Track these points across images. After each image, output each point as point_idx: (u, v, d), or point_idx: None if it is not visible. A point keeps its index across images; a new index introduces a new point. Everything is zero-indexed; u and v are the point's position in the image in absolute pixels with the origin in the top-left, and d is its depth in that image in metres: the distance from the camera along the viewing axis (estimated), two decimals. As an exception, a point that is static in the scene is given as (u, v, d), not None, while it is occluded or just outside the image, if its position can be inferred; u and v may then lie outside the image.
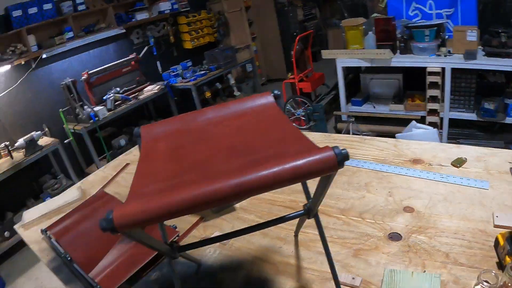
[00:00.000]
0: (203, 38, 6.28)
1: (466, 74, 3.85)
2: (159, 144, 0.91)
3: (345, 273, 1.08)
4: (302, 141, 0.75)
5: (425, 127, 3.61)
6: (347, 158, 0.60)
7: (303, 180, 0.61)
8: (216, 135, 0.66)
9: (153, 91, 4.99)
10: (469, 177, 1.38)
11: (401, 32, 4.17)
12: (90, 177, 2.03)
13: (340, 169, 0.61)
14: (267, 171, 0.59)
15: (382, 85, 4.73)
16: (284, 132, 0.72)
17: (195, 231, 1.43)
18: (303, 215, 0.95)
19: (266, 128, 0.87)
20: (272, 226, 1.05)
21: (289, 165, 0.59)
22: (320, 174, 0.61)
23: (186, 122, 0.97)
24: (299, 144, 0.73)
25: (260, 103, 0.96)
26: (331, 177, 0.68)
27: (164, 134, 0.94)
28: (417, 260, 1.08)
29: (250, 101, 0.96)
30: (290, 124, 0.86)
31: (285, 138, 0.77)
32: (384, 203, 1.35)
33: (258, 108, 0.95)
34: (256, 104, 0.96)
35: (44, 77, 4.42)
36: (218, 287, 1.15)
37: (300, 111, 5.01)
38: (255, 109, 0.94)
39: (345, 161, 0.60)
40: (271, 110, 0.93)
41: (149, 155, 0.87)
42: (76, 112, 4.17)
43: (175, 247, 0.92)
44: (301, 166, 0.59)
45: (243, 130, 0.64)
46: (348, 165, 1.62)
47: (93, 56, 4.95)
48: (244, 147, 0.79)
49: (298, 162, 0.60)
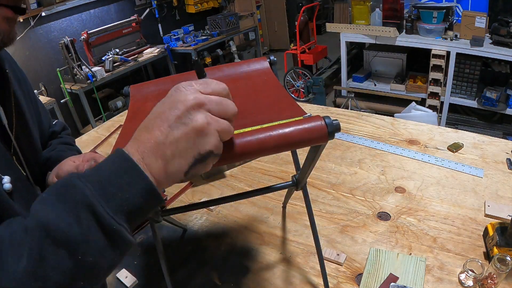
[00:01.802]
0: (207, 3, 6.14)
1: (471, 61, 3.80)
2: (148, 104, 0.87)
3: (330, 249, 1.07)
4: (294, 108, 0.73)
5: (424, 110, 3.59)
6: (338, 130, 0.57)
7: (290, 149, 0.58)
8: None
9: (153, 54, 4.91)
10: (464, 163, 1.37)
11: (408, 11, 4.09)
12: (83, 137, 2.00)
13: (330, 140, 0.58)
14: (253, 137, 0.56)
15: (385, 63, 4.67)
16: (276, 99, 0.69)
17: (183, 196, 1.42)
18: (291, 186, 0.94)
19: (258, 93, 0.84)
20: (260, 195, 1.03)
21: (276, 133, 0.56)
22: (308, 144, 0.59)
23: (179, 82, 0.93)
24: (290, 111, 0.70)
25: (255, 68, 0.93)
26: (320, 148, 0.66)
27: (154, 94, 0.91)
28: (404, 241, 1.07)
29: (245, 65, 0.93)
30: (284, 91, 0.84)
31: (277, 105, 0.75)
32: (375, 181, 1.33)
33: (253, 72, 0.92)
34: (251, 68, 0.92)
35: (42, 36, 4.32)
36: (202, 253, 1.15)
37: (300, 83, 4.97)
38: (249, 74, 0.91)
39: (335, 132, 0.56)
40: (266, 75, 0.90)
41: (137, 115, 0.83)
42: (74, 72, 4.10)
43: (158, 210, 0.89)
44: (288, 134, 0.56)
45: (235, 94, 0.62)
46: (342, 139, 1.60)
47: (94, 16, 4.84)
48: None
49: (285, 130, 0.57)
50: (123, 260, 0.48)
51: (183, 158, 0.48)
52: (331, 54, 5.55)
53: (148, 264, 1.15)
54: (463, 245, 1.03)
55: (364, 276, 0.97)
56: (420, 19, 3.97)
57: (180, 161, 0.48)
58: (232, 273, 1.06)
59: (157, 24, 5.64)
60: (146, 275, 1.10)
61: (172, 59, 5.28)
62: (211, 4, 6.22)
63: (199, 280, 1.06)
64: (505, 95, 3.73)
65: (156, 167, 0.47)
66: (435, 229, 1.10)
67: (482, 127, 4.05)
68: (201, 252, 1.15)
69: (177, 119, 0.48)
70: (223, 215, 1.29)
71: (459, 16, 3.86)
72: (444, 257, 1.00)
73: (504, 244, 0.92)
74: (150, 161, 0.47)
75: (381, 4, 4.08)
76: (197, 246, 1.18)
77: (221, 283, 1.04)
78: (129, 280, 1.08)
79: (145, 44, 5.15)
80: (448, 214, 1.15)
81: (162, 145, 0.47)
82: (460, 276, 0.93)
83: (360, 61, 4.94)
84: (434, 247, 1.04)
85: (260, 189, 0.93)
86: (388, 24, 4.06)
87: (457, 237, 1.06)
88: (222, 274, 1.06)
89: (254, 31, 6.47)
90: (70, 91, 4.22)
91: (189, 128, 0.47)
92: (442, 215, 1.15)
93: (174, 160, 0.48)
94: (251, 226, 1.23)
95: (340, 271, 1.01)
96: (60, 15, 4.44)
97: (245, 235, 1.19)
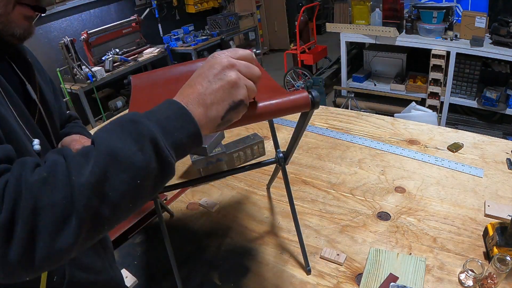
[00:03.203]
0: (207, 3, 6.13)
1: (471, 60, 3.79)
2: (157, 89, 0.95)
3: (330, 249, 1.07)
4: (280, 90, 0.84)
5: (424, 110, 3.58)
6: (319, 101, 0.73)
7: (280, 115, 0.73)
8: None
9: (153, 54, 4.90)
10: (464, 163, 1.37)
11: (408, 11, 4.09)
12: (81, 135, 2.00)
13: (315, 109, 0.74)
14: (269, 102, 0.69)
15: (385, 63, 4.67)
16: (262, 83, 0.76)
17: (183, 196, 1.42)
18: (274, 163, 1.09)
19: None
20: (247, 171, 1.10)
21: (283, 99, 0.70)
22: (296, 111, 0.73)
23: (178, 71, 1.03)
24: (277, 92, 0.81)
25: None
26: (305, 124, 0.82)
27: (154, 82, 0.98)
28: (404, 241, 1.07)
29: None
30: (269, 77, 0.92)
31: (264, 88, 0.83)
32: (375, 181, 1.33)
33: None
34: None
35: (42, 36, 4.30)
36: (202, 254, 1.15)
37: (300, 83, 4.96)
38: None
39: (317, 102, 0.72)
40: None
41: (138, 103, 0.90)
42: (74, 71, 4.09)
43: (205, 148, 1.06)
44: (277, 103, 0.70)
45: None
46: (342, 139, 1.60)
47: (94, 16, 4.82)
48: None
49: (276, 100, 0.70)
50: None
51: (220, 105, 0.59)
52: (331, 54, 5.55)
53: (148, 264, 1.15)
54: (463, 245, 1.03)
55: (364, 276, 0.97)
56: (420, 19, 3.96)
57: (217, 107, 0.58)
58: (232, 273, 1.06)
59: (157, 24, 5.62)
60: (146, 275, 1.10)
61: (172, 59, 5.27)
62: (211, 4, 6.21)
63: (199, 280, 1.06)
64: (505, 95, 3.72)
65: (198, 113, 0.57)
66: (435, 229, 1.10)
67: (482, 127, 4.04)
68: (201, 252, 1.15)
69: (215, 76, 0.59)
70: (223, 215, 1.29)
71: (459, 16, 3.85)
72: (444, 257, 1.00)
73: (504, 244, 0.92)
74: (193, 107, 0.57)
75: (381, 4, 4.08)
76: (197, 246, 1.18)
77: (221, 283, 1.04)
78: (129, 280, 1.08)
79: (145, 44, 5.14)
80: (448, 214, 1.15)
81: (203, 95, 0.58)
82: (460, 276, 0.94)
83: (360, 61, 4.93)
84: (434, 247, 1.04)
85: (249, 165, 1.09)
86: (388, 24, 4.05)
87: (457, 237, 1.06)
88: (222, 274, 1.06)
89: (254, 31, 6.46)
90: (70, 91, 4.21)
91: (225, 82, 0.59)
92: (442, 215, 1.15)
93: (213, 106, 0.58)
94: (251, 226, 1.23)
95: (340, 271, 1.01)
96: (60, 15, 4.42)
97: (245, 235, 1.19)
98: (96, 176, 0.47)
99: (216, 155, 1.42)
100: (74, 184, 0.46)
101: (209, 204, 1.34)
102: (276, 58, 7.09)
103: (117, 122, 0.53)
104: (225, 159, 1.46)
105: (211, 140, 1.39)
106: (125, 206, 0.51)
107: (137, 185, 0.50)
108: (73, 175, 0.46)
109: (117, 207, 0.49)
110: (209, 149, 1.39)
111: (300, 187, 1.36)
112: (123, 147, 0.49)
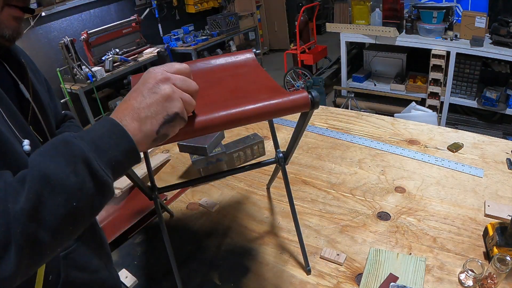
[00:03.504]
0: (207, 3, 6.13)
1: (471, 61, 3.79)
2: None
3: (330, 249, 1.07)
4: (280, 90, 0.83)
5: (424, 109, 3.58)
6: (319, 101, 0.73)
7: (280, 115, 0.73)
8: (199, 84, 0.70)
9: (153, 54, 4.90)
10: (464, 163, 1.37)
11: (408, 11, 4.09)
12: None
13: (315, 109, 0.75)
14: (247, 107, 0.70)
15: (385, 63, 4.67)
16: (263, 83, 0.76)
17: (183, 196, 1.42)
18: (274, 163, 1.10)
19: (246, 80, 0.92)
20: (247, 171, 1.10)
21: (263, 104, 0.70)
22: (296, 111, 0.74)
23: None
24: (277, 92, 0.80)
25: (242, 58, 1.01)
26: (305, 124, 0.82)
27: None
28: (404, 241, 1.07)
29: (233, 56, 1.01)
30: (269, 77, 0.92)
31: (264, 88, 0.84)
32: (375, 181, 1.33)
33: (240, 62, 1.00)
34: (239, 59, 1.01)
35: (42, 36, 4.30)
36: (202, 254, 1.15)
37: (300, 83, 4.96)
38: (236, 64, 0.99)
39: (317, 102, 0.73)
40: (252, 64, 0.99)
41: None
42: (74, 71, 4.08)
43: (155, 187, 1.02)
44: (277, 103, 0.71)
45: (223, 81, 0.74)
46: (342, 139, 1.60)
47: (94, 16, 4.82)
48: (226, 96, 0.84)
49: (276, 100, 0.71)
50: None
51: (155, 119, 0.58)
52: (331, 54, 5.55)
53: (148, 264, 1.15)
54: (463, 245, 1.03)
55: (364, 276, 0.97)
56: (420, 19, 3.97)
57: (152, 121, 0.58)
58: (232, 273, 1.06)
59: (157, 24, 5.62)
60: (146, 275, 1.10)
61: (172, 59, 5.26)
62: (211, 4, 6.21)
63: (199, 280, 1.06)
64: (505, 95, 3.72)
65: (132, 128, 0.57)
66: (435, 229, 1.10)
67: (482, 127, 4.04)
68: (201, 252, 1.15)
69: (149, 90, 0.59)
70: (223, 215, 1.29)
71: (459, 16, 3.85)
72: (444, 257, 1.00)
73: (504, 244, 0.92)
74: (128, 123, 0.57)
75: (381, 4, 4.08)
76: (197, 246, 1.18)
77: (221, 283, 1.04)
78: (129, 280, 1.08)
79: (145, 44, 5.14)
80: (448, 214, 1.15)
81: (138, 109, 0.58)
82: (460, 276, 0.94)
83: (360, 61, 4.93)
84: (434, 247, 1.04)
85: (249, 165, 1.10)
86: (388, 24, 4.06)
87: (457, 237, 1.06)
88: (222, 274, 1.06)
89: (254, 31, 6.46)
90: (70, 91, 4.21)
91: (159, 95, 0.59)
92: (442, 215, 1.15)
93: (147, 120, 0.58)
94: (251, 226, 1.23)
95: (340, 271, 1.01)
96: (60, 15, 4.42)
97: (245, 235, 1.19)
98: (31, 201, 0.47)
99: (216, 155, 1.42)
100: (10, 212, 0.45)
101: (209, 204, 1.35)
102: (276, 58, 7.09)
103: (51, 144, 0.53)
104: (225, 159, 1.46)
105: (211, 140, 1.39)
106: (65, 229, 0.50)
107: (73, 207, 0.49)
108: (9, 202, 0.46)
109: (56, 231, 0.49)
110: (209, 149, 1.39)
111: (300, 187, 1.36)
112: (56, 170, 0.49)
